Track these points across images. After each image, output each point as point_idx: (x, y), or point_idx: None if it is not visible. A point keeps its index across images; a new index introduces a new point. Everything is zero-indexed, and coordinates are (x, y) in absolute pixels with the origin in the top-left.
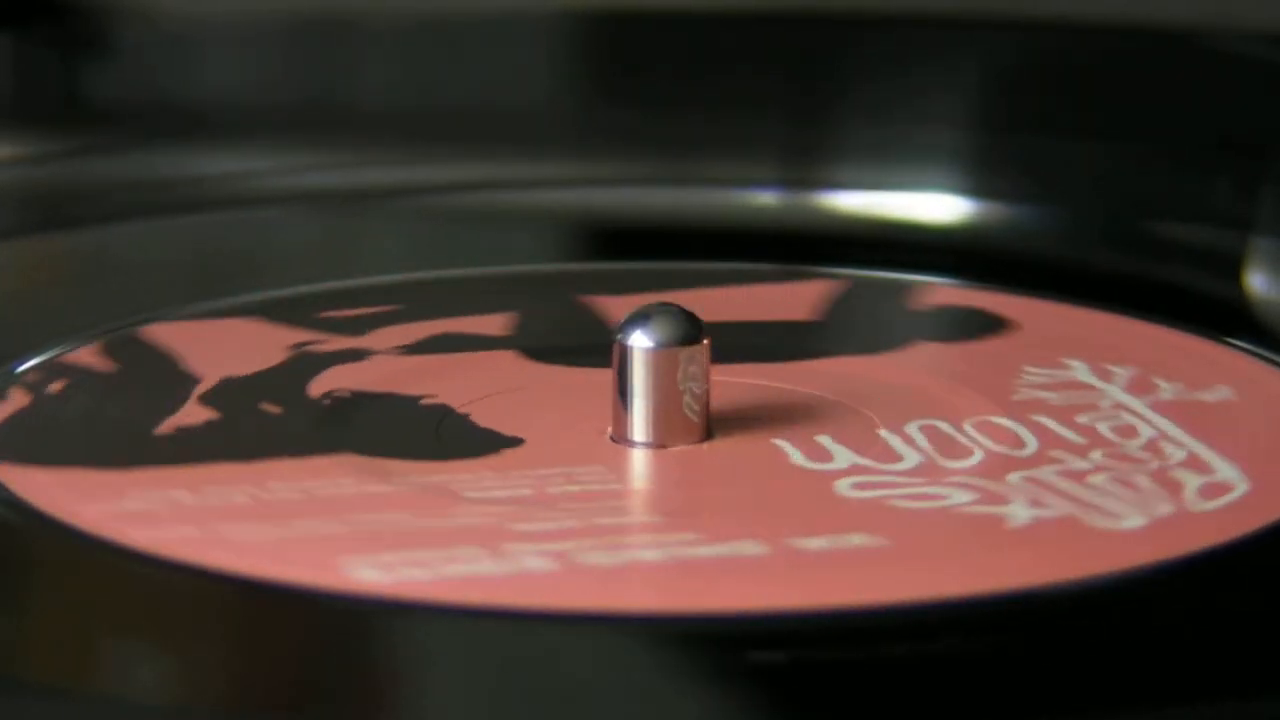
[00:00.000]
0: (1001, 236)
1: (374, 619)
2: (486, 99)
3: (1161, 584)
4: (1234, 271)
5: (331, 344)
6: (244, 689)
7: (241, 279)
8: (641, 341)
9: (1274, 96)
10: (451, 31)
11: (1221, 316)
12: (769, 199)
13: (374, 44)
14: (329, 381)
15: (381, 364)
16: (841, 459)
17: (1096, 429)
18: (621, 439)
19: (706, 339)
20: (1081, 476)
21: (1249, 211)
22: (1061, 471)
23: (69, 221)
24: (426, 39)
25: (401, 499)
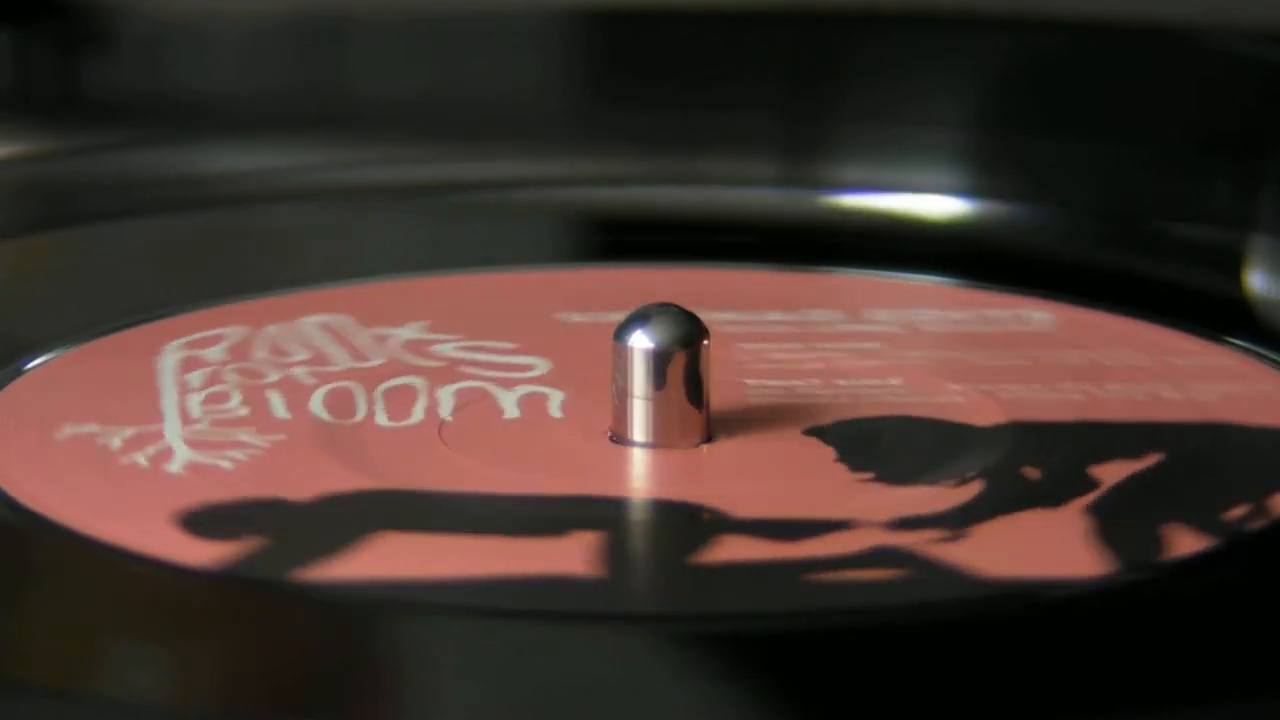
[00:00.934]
0: (1001, 236)
1: (374, 619)
2: (486, 99)
3: None
4: (1234, 271)
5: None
6: (244, 689)
7: (242, 279)
8: (641, 341)
9: (1274, 96)
10: (451, 31)
11: (1221, 316)
12: (769, 199)
13: (374, 41)
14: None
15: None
16: None
17: None
18: (621, 439)
19: (706, 339)
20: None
21: (1249, 211)
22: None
23: (68, 219)
24: (427, 37)
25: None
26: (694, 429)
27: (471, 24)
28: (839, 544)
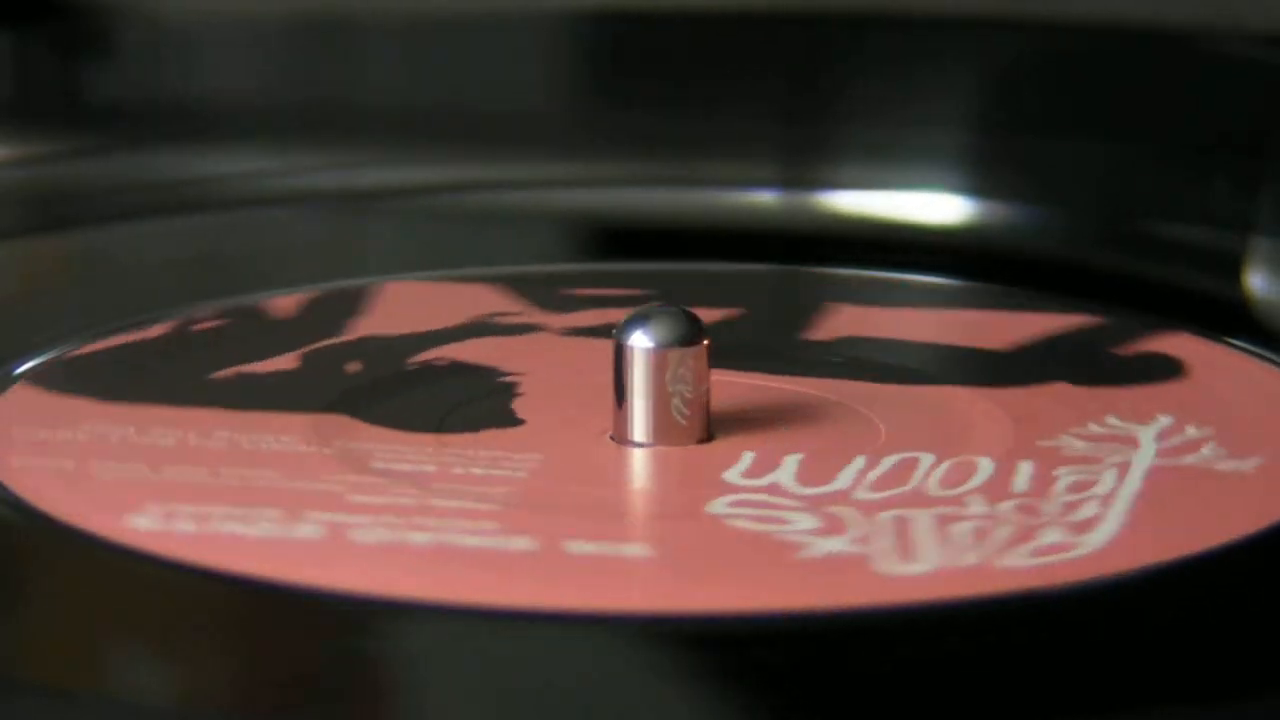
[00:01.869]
0: (1001, 236)
1: (374, 618)
2: (486, 98)
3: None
4: (1233, 271)
5: (520, 318)
6: (242, 688)
7: (244, 278)
8: (641, 341)
9: (1274, 96)
10: (452, 30)
11: (1221, 316)
12: (768, 199)
13: (375, 44)
14: (452, 352)
15: (531, 340)
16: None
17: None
18: (621, 439)
19: (706, 340)
20: (945, 522)
21: (1249, 211)
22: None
23: (69, 222)
24: (427, 38)
25: (280, 459)
26: (694, 429)
27: (473, 24)
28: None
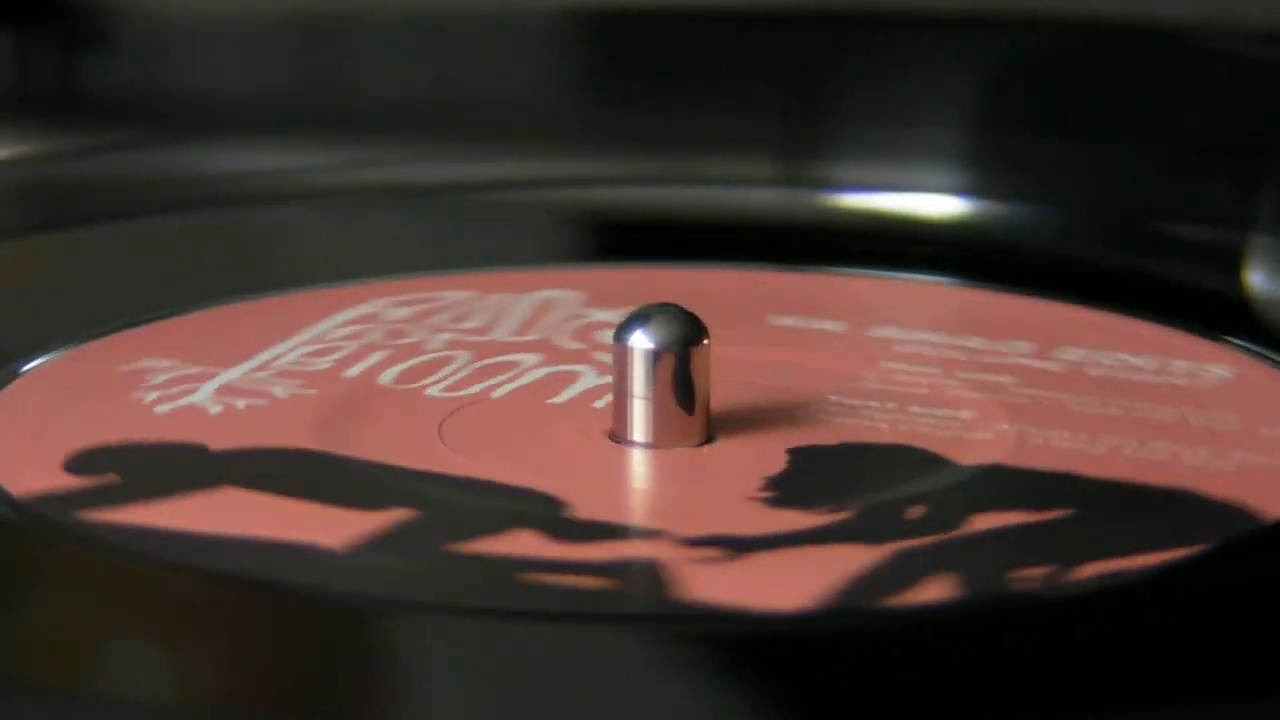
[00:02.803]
0: (1001, 236)
1: (373, 619)
2: (485, 98)
3: None
4: (1233, 269)
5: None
6: (242, 688)
7: (246, 277)
8: (641, 342)
9: (1274, 96)
10: (451, 30)
11: (1220, 314)
12: (769, 198)
13: (374, 41)
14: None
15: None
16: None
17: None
18: (621, 439)
19: (707, 339)
20: None
21: (1248, 210)
22: None
23: (69, 219)
24: (426, 37)
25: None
26: (694, 429)
27: (471, 24)
28: (602, 550)
